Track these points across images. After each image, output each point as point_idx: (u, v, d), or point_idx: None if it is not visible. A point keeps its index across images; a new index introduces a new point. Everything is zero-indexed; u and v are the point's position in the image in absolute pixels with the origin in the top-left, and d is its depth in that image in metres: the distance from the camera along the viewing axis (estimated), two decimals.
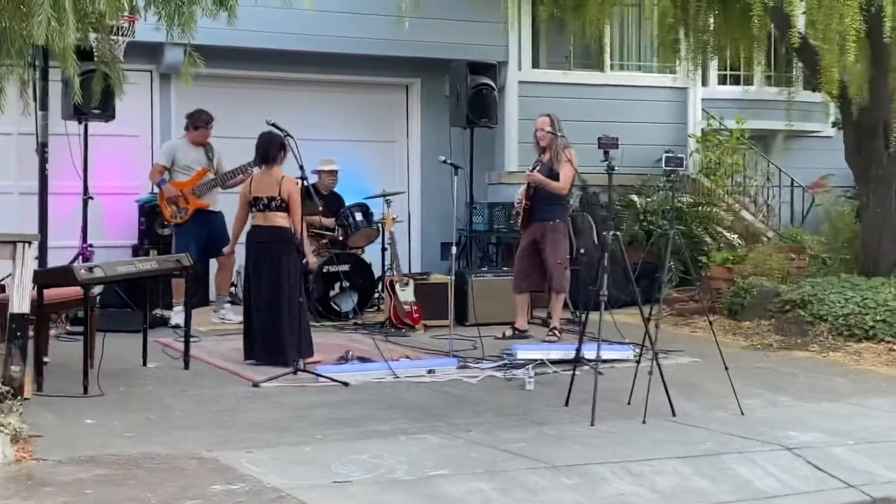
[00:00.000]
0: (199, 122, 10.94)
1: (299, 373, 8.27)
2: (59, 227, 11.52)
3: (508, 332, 10.44)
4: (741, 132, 14.58)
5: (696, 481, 5.94)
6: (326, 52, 12.81)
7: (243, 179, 10.93)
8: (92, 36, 7.77)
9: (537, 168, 10.38)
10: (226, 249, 10.20)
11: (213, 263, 11.34)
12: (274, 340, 8.82)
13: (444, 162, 10.31)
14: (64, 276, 7.86)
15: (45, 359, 8.12)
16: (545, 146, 10.39)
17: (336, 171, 12.03)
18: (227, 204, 11.25)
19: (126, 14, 8.36)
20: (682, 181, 13.91)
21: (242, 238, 11.66)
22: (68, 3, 5.82)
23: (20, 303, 7.09)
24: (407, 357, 9.16)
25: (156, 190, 11.19)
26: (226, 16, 7.39)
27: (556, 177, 10.24)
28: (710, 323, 8.33)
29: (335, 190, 12.13)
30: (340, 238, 11.66)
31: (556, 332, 10.33)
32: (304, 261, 9.03)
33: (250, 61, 12.71)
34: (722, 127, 14.77)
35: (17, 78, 7.13)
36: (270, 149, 9.01)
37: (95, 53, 8.07)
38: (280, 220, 8.94)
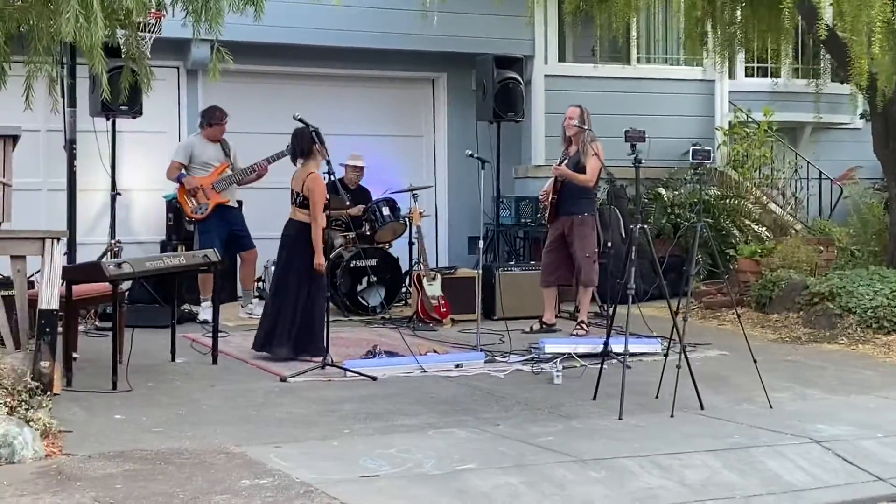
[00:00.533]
0: (213, 119, 10.96)
1: (327, 367, 8.29)
2: (88, 224, 11.61)
3: (536, 326, 10.44)
4: (769, 124, 14.50)
5: (725, 475, 5.92)
6: (353, 47, 12.83)
7: (258, 177, 11.02)
8: (119, 32, 7.80)
9: (564, 162, 10.36)
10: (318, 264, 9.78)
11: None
12: (272, 331, 8.89)
13: (471, 156, 10.30)
14: (92, 271, 7.89)
15: (75, 354, 8.18)
16: (571, 138, 10.36)
17: (363, 168, 12.04)
18: (251, 198, 11.31)
19: (153, 10, 8.39)
20: (709, 174, 13.85)
21: (269, 233, 11.75)
22: (96, 0, 5.84)
23: (49, 298, 7.13)
24: (434, 351, 9.16)
25: (177, 186, 11.23)
26: (252, 11, 7.40)
27: (582, 170, 10.22)
28: (739, 316, 8.32)
29: (362, 184, 12.14)
30: (367, 233, 11.67)
31: (584, 325, 10.31)
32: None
33: (277, 57, 12.74)
34: (749, 119, 14.69)
35: (45, 75, 7.16)
36: (298, 143, 9.02)
37: (123, 50, 8.11)
38: (301, 215, 8.96)
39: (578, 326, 10.30)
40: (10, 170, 7.24)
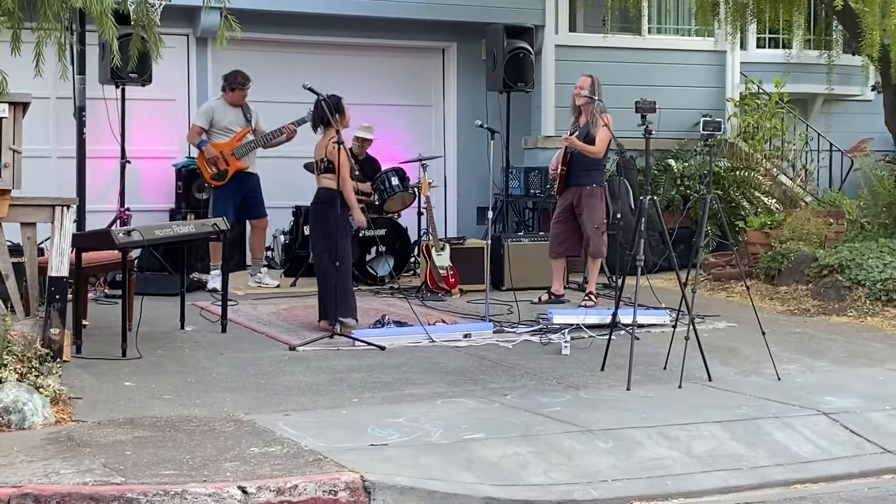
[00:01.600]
0: (234, 84, 10.92)
1: (336, 336, 8.31)
2: (97, 191, 11.61)
3: (545, 297, 10.44)
4: (780, 96, 14.44)
5: (733, 446, 5.94)
6: (363, 15, 12.79)
7: (287, 139, 10.98)
8: None
9: (574, 133, 10.34)
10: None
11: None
12: (322, 299, 8.84)
13: (481, 126, 10.27)
14: (102, 239, 7.91)
15: (84, 322, 8.21)
16: (581, 108, 10.33)
17: (370, 140, 11.99)
18: (263, 167, 11.31)
19: None
20: (719, 145, 13.81)
21: (280, 202, 11.72)
22: None
23: (59, 266, 7.15)
24: (443, 321, 9.16)
25: (194, 152, 11.21)
26: None
27: (592, 141, 10.20)
28: (748, 288, 8.30)
29: (371, 154, 12.12)
30: (376, 202, 11.67)
31: (593, 296, 10.31)
32: (351, 219, 9.00)
33: (287, 25, 12.70)
34: (760, 91, 14.63)
35: (54, 42, 7.13)
36: (318, 112, 8.97)
37: (132, 17, 8.08)
38: (326, 181, 8.88)
39: (587, 297, 10.30)
40: (20, 137, 7.23)
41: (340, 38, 13.22)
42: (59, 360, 6.87)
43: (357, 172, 10.86)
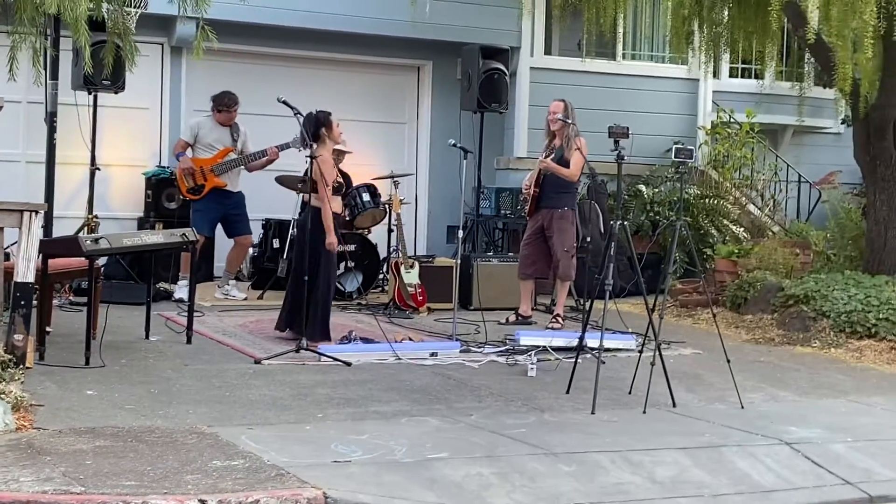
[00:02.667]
0: (220, 105, 10.95)
1: (301, 351, 8.28)
2: (65, 198, 11.54)
3: (512, 318, 10.45)
4: (751, 126, 14.54)
5: (695, 473, 5.95)
6: (339, 31, 12.79)
7: (269, 162, 11.00)
8: (104, 6, 7.75)
9: (549, 156, 10.36)
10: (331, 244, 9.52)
11: (223, 241, 11.35)
12: (292, 315, 8.87)
13: (454, 145, 10.29)
14: (69, 246, 7.86)
15: (48, 328, 8.15)
16: (555, 132, 10.37)
17: (346, 153, 11.96)
18: (248, 185, 11.28)
19: None
20: (689, 173, 13.88)
21: (250, 215, 11.66)
22: None
23: (25, 272, 7.10)
24: (410, 339, 9.16)
25: (165, 161, 11.19)
26: None
27: (566, 164, 10.23)
28: (714, 315, 8.33)
29: (342, 169, 12.08)
30: (347, 218, 11.64)
31: (560, 319, 10.33)
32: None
33: (263, 37, 12.68)
34: (732, 120, 14.73)
35: (29, 46, 7.10)
36: (307, 129, 8.96)
37: (108, 24, 8.05)
38: (315, 199, 8.88)
39: (554, 319, 10.32)
40: None
41: (316, 53, 13.21)
42: (21, 366, 6.83)
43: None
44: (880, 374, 8.91)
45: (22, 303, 6.98)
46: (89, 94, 11.10)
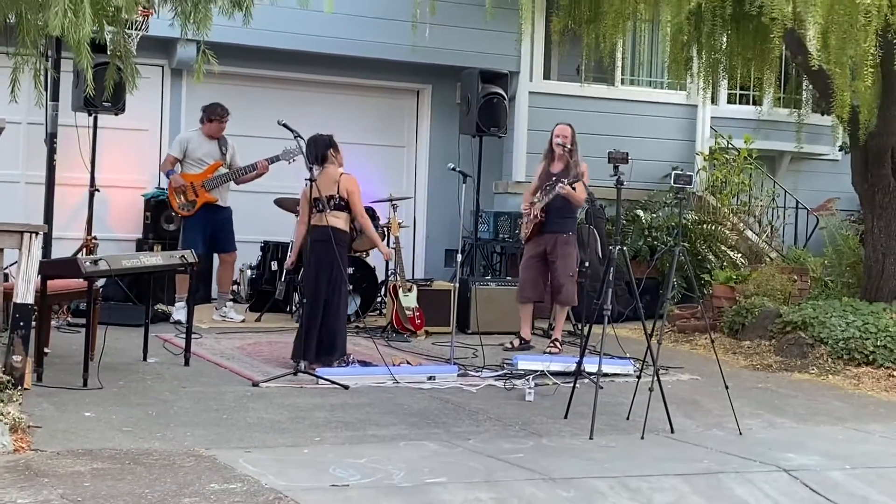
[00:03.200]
0: (213, 115, 10.92)
1: (299, 374, 8.27)
2: (64, 219, 11.55)
3: (516, 343, 10.37)
4: (749, 152, 14.58)
5: (694, 499, 5.94)
6: (339, 54, 12.84)
7: (258, 175, 10.99)
8: (107, 29, 7.77)
9: (552, 182, 10.26)
10: (287, 262, 9.46)
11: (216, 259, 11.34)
12: (328, 342, 8.78)
13: (453, 169, 10.31)
14: (69, 267, 7.87)
15: (46, 349, 8.14)
16: (558, 156, 10.32)
17: None
18: (232, 201, 11.28)
19: (142, 8, 8.37)
20: (688, 198, 13.91)
21: (248, 237, 11.68)
22: None
23: (25, 293, 7.10)
24: (408, 363, 9.15)
25: (164, 183, 11.18)
26: (241, 15, 7.39)
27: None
28: (713, 341, 8.34)
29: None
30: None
31: (558, 343, 10.33)
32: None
33: (263, 60, 12.72)
34: (730, 146, 14.77)
35: (31, 68, 7.12)
36: (316, 148, 9.01)
37: (109, 47, 8.08)
38: (334, 219, 8.79)
39: (552, 344, 10.31)
40: None
41: (316, 76, 13.25)
42: (19, 387, 6.82)
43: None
44: (878, 402, 8.91)
45: (21, 324, 6.98)
46: (89, 115, 11.12)
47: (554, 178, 10.27)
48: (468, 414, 7.57)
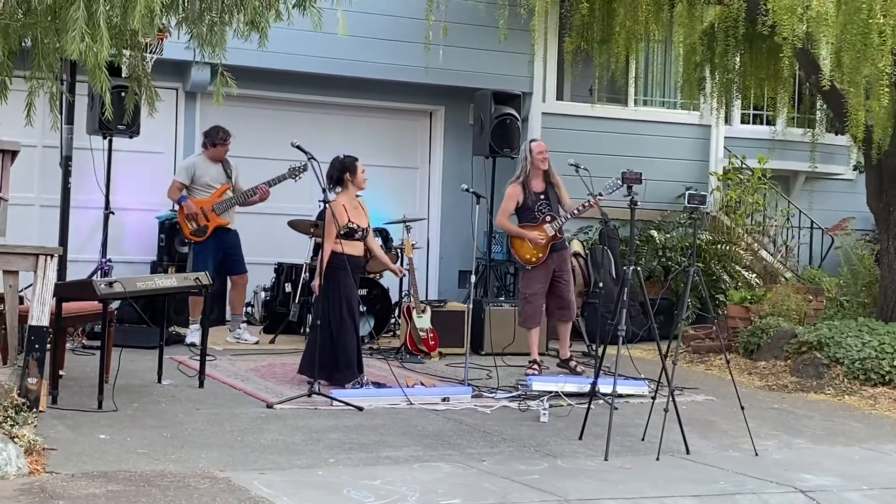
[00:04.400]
0: (216, 140, 10.91)
1: (313, 395, 8.27)
2: (79, 241, 11.57)
3: (536, 369, 10.14)
4: (762, 172, 14.57)
5: None
6: (353, 76, 12.88)
7: (260, 199, 10.99)
8: (126, 52, 7.81)
9: (541, 200, 10.23)
10: (314, 284, 9.32)
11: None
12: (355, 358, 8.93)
13: (467, 190, 10.31)
14: (83, 289, 7.88)
15: (61, 372, 8.15)
16: (542, 172, 10.31)
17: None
18: (246, 223, 11.31)
19: (158, 33, 8.40)
20: (702, 218, 13.90)
21: (261, 258, 11.69)
22: (102, 20, 5.85)
23: (40, 315, 7.11)
24: (422, 384, 9.14)
25: (176, 207, 11.21)
26: (257, 38, 7.41)
27: (562, 201, 10.27)
28: (728, 362, 8.32)
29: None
30: (366, 260, 11.65)
31: (575, 359, 10.31)
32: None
33: (276, 83, 12.77)
34: (744, 166, 14.76)
35: (46, 91, 7.16)
36: (330, 169, 9.16)
37: (125, 71, 8.12)
38: (352, 248, 9.07)
39: (575, 364, 10.27)
40: (7, 185, 7.24)
41: (330, 98, 13.30)
42: (34, 409, 6.82)
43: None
44: (894, 422, 8.86)
45: (36, 346, 6.99)
46: (104, 138, 11.15)
47: (542, 196, 10.23)
48: (482, 435, 7.55)
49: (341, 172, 9.11)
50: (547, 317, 10.46)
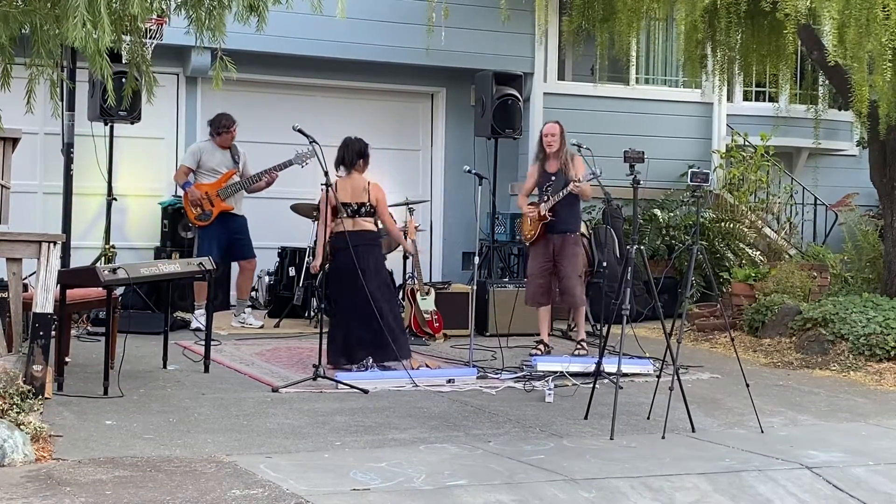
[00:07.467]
0: (220, 128, 10.91)
1: (319, 379, 8.28)
2: (82, 228, 11.59)
3: (542, 350, 10.15)
4: (765, 149, 14.54)
5: (716, 498, 5.92)
6: (353, 59, 12.85)
7: (268, 184, 10.98)
8: (126, 38, 7.78)
9: (551, 182, 10.18)
10: (314, 266, 9.37)
11: (234, 267, 11.35)
12: (380, 340, 8.79)
13: (469, 172, 10.28)
14: (87, 276, 7.88)
15: (66, 358, 8.16)
16: (551, 154, 10.24)
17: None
18: (249, 208, 11.30)
19: (155, 17, 8.38)
20: (705, 196, 13.87)
21: (265, 243, 11.71)
22: (103, 6, 5.83)
23: (44, 302, 7.12)
24: (426, 366, 9.14)
25: (180, 192, 11.21)
26: (256, 21, 7.38)
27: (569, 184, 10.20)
28: (732, 339, 8.31)
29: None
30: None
31: (585, 344, 10.24)
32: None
33: (277, 66, 12.75)
34: (746, 143, 14.72)
35: (47, 79, 7.14)
36: (346, 152, 9.13)
37: (125, 57, 8.10)
38: (369, 224, 9.09)
39: (579, 346, 10.21)
40: (9, 172, 7.24)
41: (331, 81, 13.27)
42: (40, 396, 6.83)
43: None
44: None
45: (41, 333, 7.00)
46: (105, 124, 11.15)
47: (553, 178, 10.18)
48: (488, 416, 7.56)
49: (359, 156, 9.12)
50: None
